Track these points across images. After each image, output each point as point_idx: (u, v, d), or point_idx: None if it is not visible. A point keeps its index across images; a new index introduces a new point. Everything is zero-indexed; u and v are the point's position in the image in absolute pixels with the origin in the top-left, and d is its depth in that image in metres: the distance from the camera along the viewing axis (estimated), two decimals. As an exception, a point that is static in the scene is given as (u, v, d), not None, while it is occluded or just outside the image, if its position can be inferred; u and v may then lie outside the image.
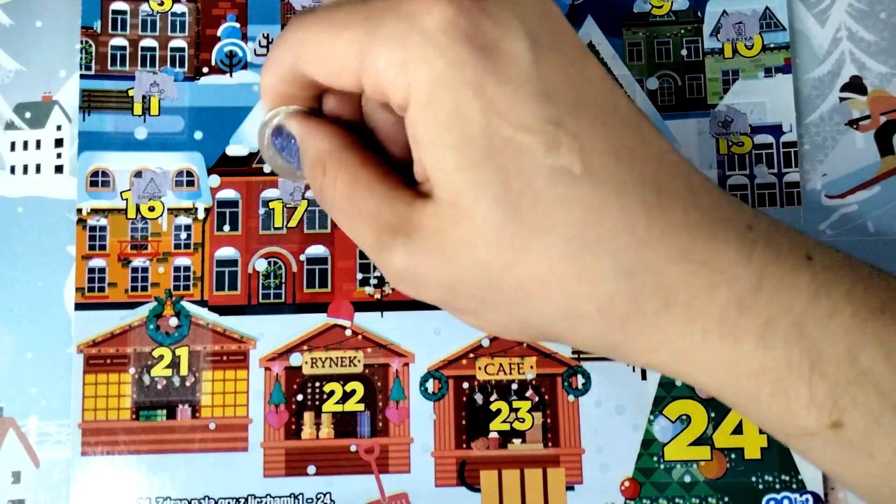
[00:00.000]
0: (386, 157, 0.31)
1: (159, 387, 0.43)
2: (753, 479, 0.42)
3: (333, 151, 0.30)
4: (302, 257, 0.44)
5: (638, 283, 0.27)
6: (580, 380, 0.43)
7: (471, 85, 0.26)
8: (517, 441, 0.43)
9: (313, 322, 0.43)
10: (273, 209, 0.44)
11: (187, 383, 0.43)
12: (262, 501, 0.42)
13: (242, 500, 0.42)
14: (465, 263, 0.27)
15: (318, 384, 0.43)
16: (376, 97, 0.28)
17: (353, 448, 0.43)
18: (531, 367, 0.43)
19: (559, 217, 0.26)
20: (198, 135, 0.45)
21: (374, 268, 0.44)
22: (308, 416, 0.43)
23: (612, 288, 0.27)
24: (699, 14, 0.46)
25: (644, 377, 0.43)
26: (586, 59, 0.28)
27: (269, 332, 0.43)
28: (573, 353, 0.43)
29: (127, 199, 0.44)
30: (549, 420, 0.43)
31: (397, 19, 0.26)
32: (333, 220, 0.31)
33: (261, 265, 0.44)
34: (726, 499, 0.42)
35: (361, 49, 0.27)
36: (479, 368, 0.43)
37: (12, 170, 0.44)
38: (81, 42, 0.45)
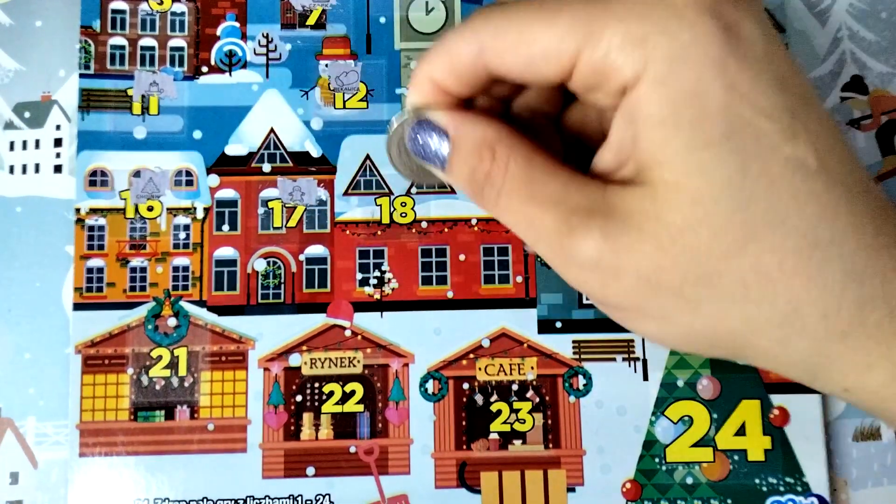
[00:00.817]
0: None
1: (158, 387, 0.42)
2: (757, 481, 0.42)
3: (502, 137, 0.28)
4: (301, 257, 0.44)
5: (866, 290, 0.25)
6: (581, 380, 0.43)
7: (715, 62, 0.25)
8: (518, 442, 0.42)
9: (312, 322, 0.43)
10: (272, 209, 0.44)
11: (186, 384, 0.42)
12: (260, 503, 0.41)
13: (241, 502, 0.41)
14: (680, 251, 0.25)
15: (317, 385, 0.43)
16: (590, 82, 0.27)
17: (352, 449, 0.42)
18: (532, 367, 0.43)
19: (794, 210, 0.25)
20: (197, 134, 0.44)
21: (374, 268, 0.44)
22: (307, 417, 0.42)
23: (841, 292, 0.25)
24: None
25: (646, 378, 0.43)
26: (795, 59, 0.27)
27: (268, 333, 0.43)
28: (574, 353, 0.43)
29: (125, 199, 0.44)
30: (549, 421, 0.43)
31: None
32: (495, 210, 0.29)
33: (260, 265, 0.44)
34: (729, 501, 0.42)
35: (589, 27, 0.26)
36: (480, 369, 0.43)
37: (11, 169, 0.44)
38: (81, 41, 0.45)
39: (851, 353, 0.26)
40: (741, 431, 0.43)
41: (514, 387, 0.43)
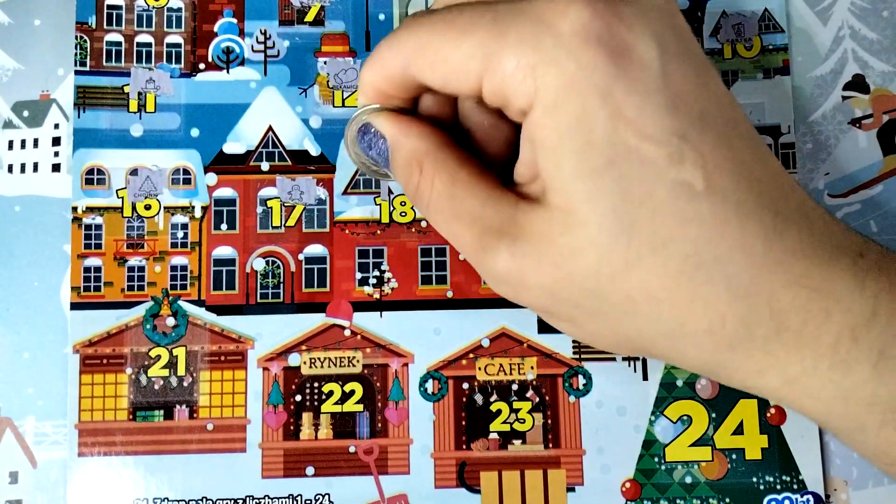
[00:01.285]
0: (477, 157, 0.31)
1: (156, 387, 0.42)
2: (754, 479, 0.42)
3: (430, 151, 0.30)
4: (300, 256, 0.44)
5: (751, 307, 0.26)
6: (581, 380, 0.43)
7: (600, 90, 0.25)
8: (517, 442, 0.43)
9: (312, 322, 0.43)
10: (271, 208, 0.44)
11: (185, 383, 0.42)
12: (260, 502, 0.42)
13: (241, 502, 0.42)
14: (572, 270, 0.27)
15: (316, 384, 0.43)
16: (494, 101, 0.28)
17: (352, 449, 0.42)
18: (532, 367, 0.43)
19: (677, 233, 0.26)
20: (194, 132, 0.44)
21: (373, 267, 0.43)
22: (306, 417, 0.42)
23: (725, 309, 0.26)
24: (699, 14, 0.46)
25: (645, 378, 0.43)
26: (709, 72, 0.27)
27: (267, 332, 0.43)
28: (574, 353, 0.43)
29: (123, 198, 0.44)
30: (549, 421, 0.43)
31: (528, 22, 0.26)
32: (427, 219, 0.31)
33: (259, 264, 0.43)
34: (727, 500, 0.42)
35: (487, 53, 0.27)
36: (479, 369, 0.43)
37: (10, 168, 0.44)
38: (76, 38, 0.45)
39: (742, 361, 0.28)
40: (739, 430, 0.43)
41: (514, 387, 0.43)
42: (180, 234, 0.44)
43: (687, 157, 0.26)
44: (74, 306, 0.43)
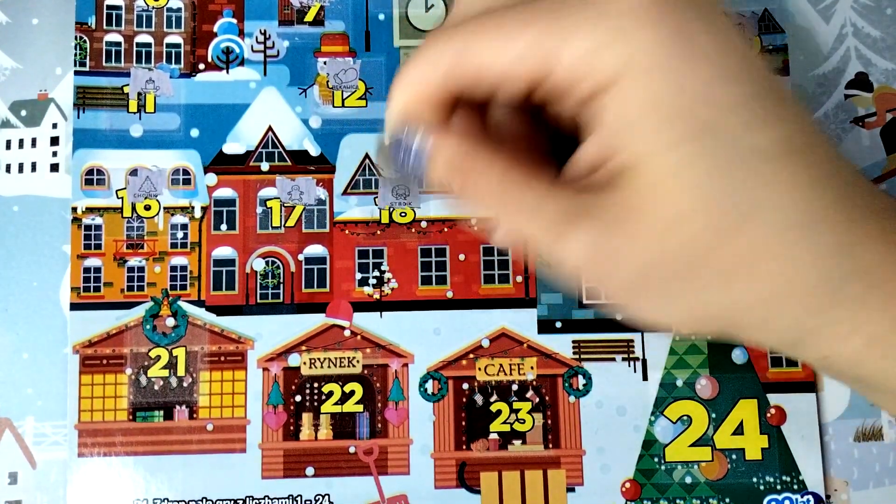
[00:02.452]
0: None
1: (156, 387, 0.42)
2: (754, 479, 0.42)
3: (473, 152, 0.30)
4: (300, 257, 0.43)
5: (848, 263, 0.27)
6: (581, 380, 0.43)
7: (672, 64, 0.26)
8: (517, 442, 0.42)
9: (312, 322, 0.43)
10: (271, 208, 0.44)
11: (185, 384, 0.42)
12: (260, 503, 0.42)
13: (241, 502, 0.42)
14: (670, 242, 0.27)
15: (316, 385, 0.43)
16: (554, 93, 0.28)
17: (351, 449, 0.42)
18: (531, 367, 0.43)
19: (765, 196, 0.26)
20: (194, 132, 0.44)
21: (373, 267, 0.43)
22: (306, 417, 0.42)
23: (826, 266, 0.27)
24: (702, 10, 0.46)
25: (645, 378, 0.43)
26: (747, 44, 0.28)
27: (267, 333, 0.43)
28: (573, 353, 0.43)
29: (122, 198, 0.44)
30: (549, 421, 0.43)
31: (589, 7, 0.26)
32: (484, 215, 0.30)
33: (258, 265, 0.43)
34: (727, 500, 0.42)
35: (549, 44, 0.27)
36: (479, 369, 0.43)
37: (8, 168, 0.44)
38: (76, 38, 0.44)
39: (831, 325, 0.28)
40: (739, 431, 0.43)
41: (514, 387, 0.43)
42: (180, 234, 0.43)
43: (760, 123, 0.26)
44: (74, 307, 0.43)
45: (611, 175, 0.28)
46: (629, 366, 0.43)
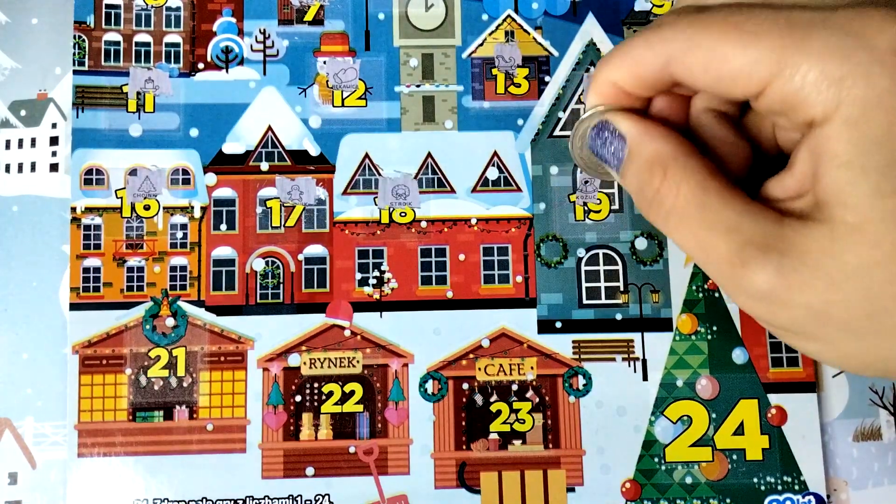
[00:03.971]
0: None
1: (156, 388, 0.42)
2: (755, 480, 0.42)
3: (676, 155, 0.29)
4: (300, 257, 0.43)
5: None
6: (581, 381, 0.43)
7: None
8: (517, 442, 0.42)
9: (312, 322, 0.43)
10: (270, 208, 0.44)
11: (184, 384, 0.42)
12: (260, 503, 0.42)
13: (241, 502, 0.41)
14: (852, 290, 0.26)
15: (316, 385, 0.43)
16: (775, 108, 0.27)
17: (351, 449, 0.42)
18: (531, 367, 0.43)
19: None
20: (193, 132, 0.44)
21: (373, 267, 0.43)
22: (306, 417, 0.42)
23: None
24: (702, 11, 0.46)
25: (645, 378, 0.43)
26: None
27: (267, 333, 0.43)
28: (574, 353, 0.43)
29: (122, 198, 0.43)
30: (549, 421, 0.43)
31: (835, 33, 0.26)
32: (660, 225, 0.30)
33: (258, 265, 0.43)
34: (728, 500, 0.42)
35: (782, 59, 0.26)
36: (479, 369, 0.43)
37: (7, 168, 0.44)
38: (75, 37, 0.44)
39: None
40: (739, 431, 0.43)
41: (514, 387, 0.43)
42: (180, 234, 0.43)
43: None
44: (73, 307, 0.42)
45: (810, 206, 0.27)
46: (629, 366, 0.43)
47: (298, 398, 0.42)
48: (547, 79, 0.45)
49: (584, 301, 0.44)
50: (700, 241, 0.28)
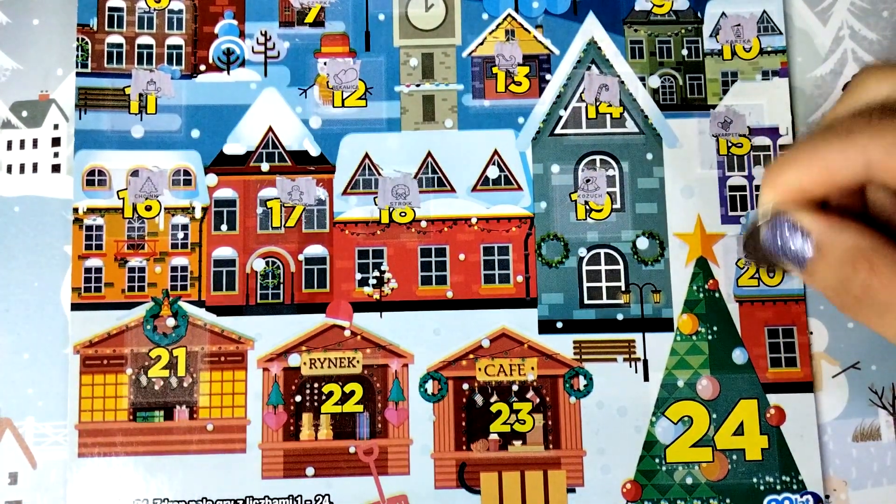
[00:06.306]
0: None
1: (157, 388, 0.42)
2: (755, 480, 0.42)
3: (879, 248, 0.28)
4: (300, 257, 0.44)
5: None
6: (582, 381, 0.43)
7: None
8: (518, 443, 0.42)
9: (312, 322, 0.43)
10: (271, 208, 0.44)
11: (185, 384, 0.42)
12: (260, 503, 0.41)
13: (241, 502, 0.41)
14: None
15: (316, 385, 0.43)
16: None
17: (351, 449, 0.42)
18: (532, 368, 0.43)
19: None
20: (195, 133, 0.44)
21: (373, 268, 0.43)
22: (307, 418, 0.42)
23: None
24: (699, 14, 0.46)
25: (646, 378, 0.43)
26: None
27: (267, 333, 0.43)
28: (574, 353, 0.43)
29: (123, 199, 0.44)
30: (550, 422, 0.43)
31: None
32: (875, 319, 0.29)
33: (259, 265, 0.43)
34: (728, 500, 0.42)
35: None
36: (480, 369, 0.43)
37: (9, 169, 0.44)
38: (77, 39, 0.45)
39: None
40: (739, 431, 0.43)
41: (515, 387, 0.43)
42: (180, 234, 0.44)
43: None
44: (75, 307, 0.43)
45: None
46: (630, 366, 0.43)
47: (298, 398, 0.42)
48: (548, 77, 0.45)
49: (586, 301, 0.44)
50: None
